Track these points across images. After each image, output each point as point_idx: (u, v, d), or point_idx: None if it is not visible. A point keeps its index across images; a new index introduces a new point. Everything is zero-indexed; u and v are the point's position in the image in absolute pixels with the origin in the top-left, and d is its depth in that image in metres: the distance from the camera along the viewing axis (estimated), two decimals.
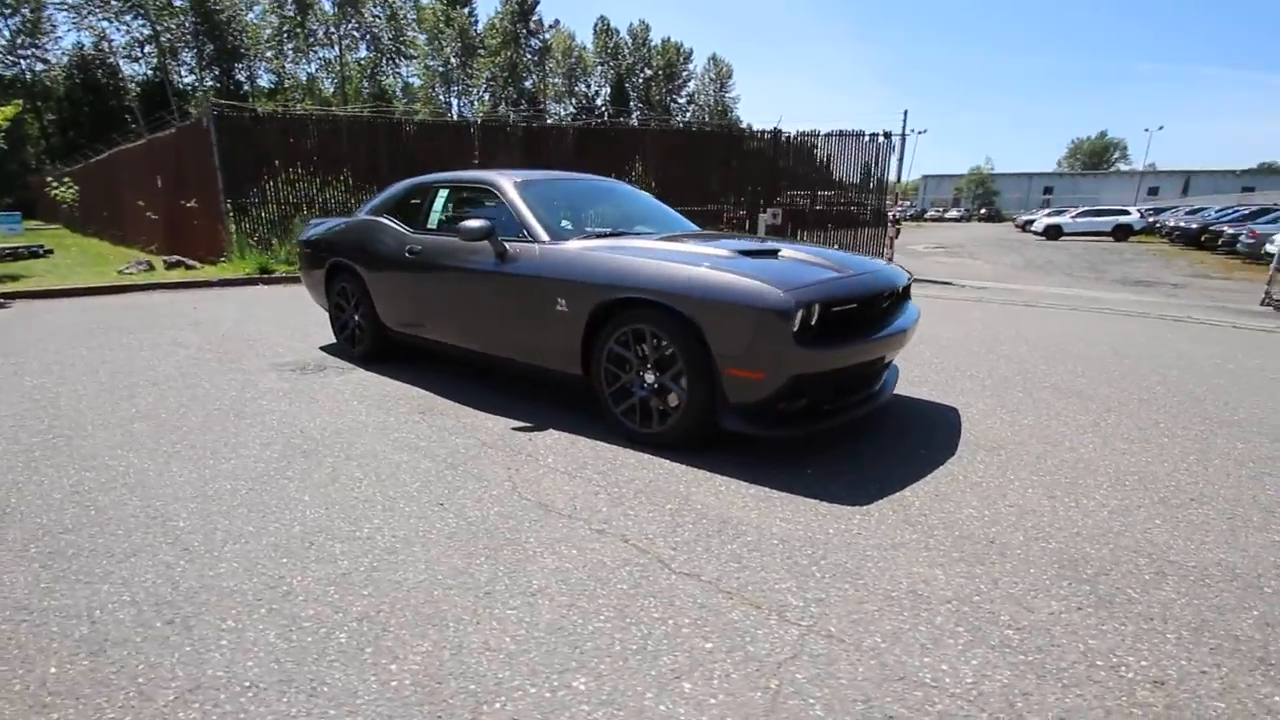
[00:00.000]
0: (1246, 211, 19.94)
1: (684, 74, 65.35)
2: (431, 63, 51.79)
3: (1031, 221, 31.80)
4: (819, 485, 2.49)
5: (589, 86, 62.29)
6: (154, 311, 6.52)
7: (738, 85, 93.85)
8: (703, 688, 1.44)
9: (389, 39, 48.47)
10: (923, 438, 3.05)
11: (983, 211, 59.86)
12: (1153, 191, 55.00)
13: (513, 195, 3.49)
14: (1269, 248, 14.21)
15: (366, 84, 47.46)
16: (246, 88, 39.94)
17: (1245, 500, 2.42)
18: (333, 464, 2.69)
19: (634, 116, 57.68)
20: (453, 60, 51.86)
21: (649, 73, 63.90)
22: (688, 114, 64.51)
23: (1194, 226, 21.14)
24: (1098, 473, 2.66)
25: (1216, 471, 2.69)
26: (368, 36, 47.35)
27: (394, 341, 4.31)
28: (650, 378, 2.84)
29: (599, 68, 62.02)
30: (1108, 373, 4.34)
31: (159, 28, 39.23)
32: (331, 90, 45.38)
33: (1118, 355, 4.92)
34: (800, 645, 1.58)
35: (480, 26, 53.40)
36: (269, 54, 43.91)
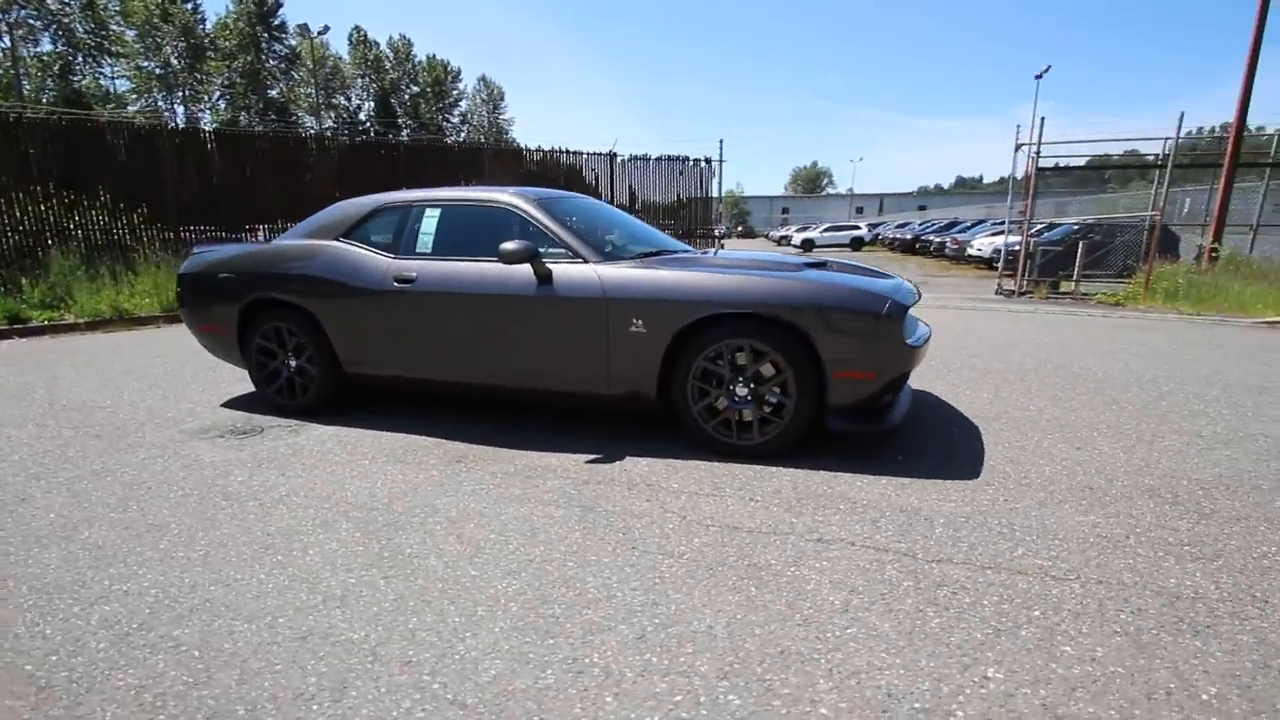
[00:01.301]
0: (943, 224, 25.79)
1: (454, 93, 63.69)
2: (145, 63, 43.16)
3: (788, 236, 37.15)
4: (926, 467, 2.79)
5: (349, 100, 57.48)
6: None
7: (510, 107, 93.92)
8: (1080, 647, 1.59)
9: (86, 32, 39.17)
10: (940, 419, 3.54)
11: (739, 229, 68.18)
12: (859, 210, 67.72)
13: (540, 215, 3.25)
14: (970, 251, 18.60)
15: (53, 84, 37.77)
16: None
17: (1179, 431, 3.29)
18: (446, 532, 2.26)
19: (404, 133, 54.66)
20: (175, 61, 43.87)
21: (416, 89, 61.08)
22: (462, 133, 63.00)
23: (908, 237, 26.70)
24: (1079, 427, 3.37)
25: (1138, 413, 3.59)
26: (53, 28, 37.67)
27: (352, 387, 3.69)
28: (743, 390, 2.89)
29: (360, 80, 57.55)
30: (980, 351, 5.42)
31: None
32: None
33: (973, 338, 6.14)
34: (1096, 595, 1.81)
35: (209, 25, 46.07)
36: None
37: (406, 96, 60.47)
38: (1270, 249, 10.57)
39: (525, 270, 3.11)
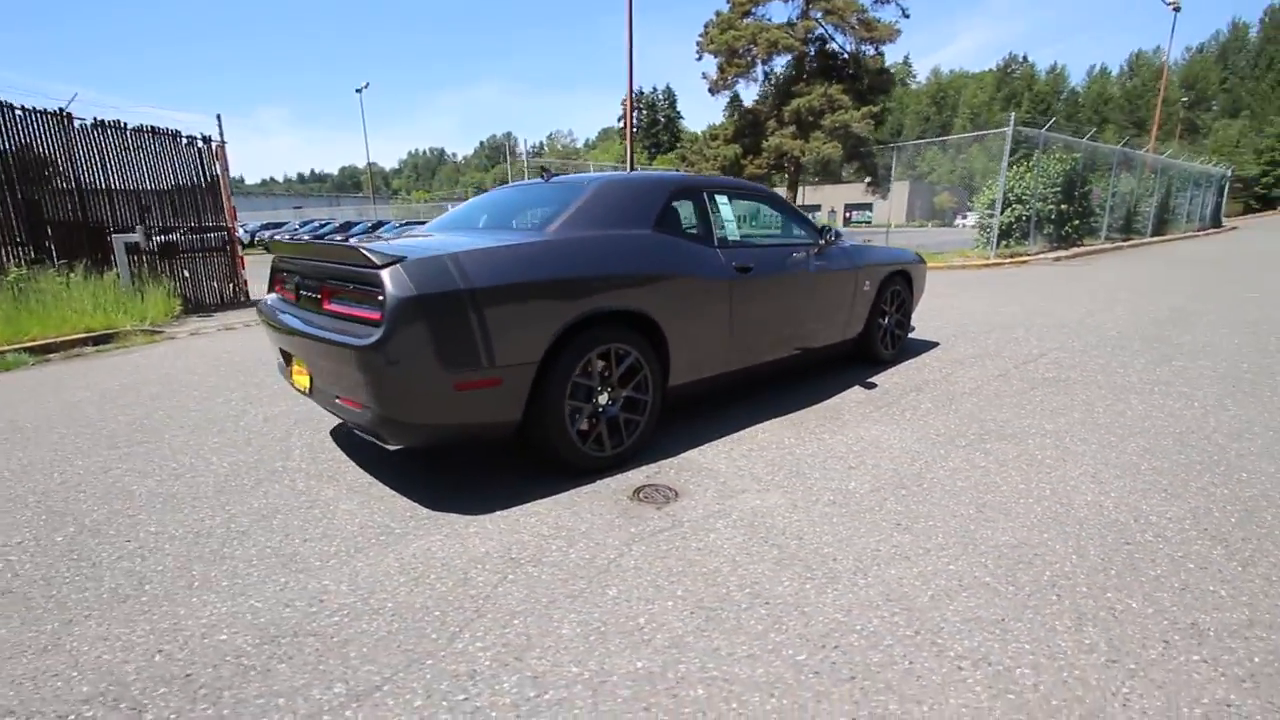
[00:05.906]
0: (339, 224, 26.14)
1: None
2: None
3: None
4: (922, 349, 5.33)
5: None
6: None
7: None
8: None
9: None
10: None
11: None
12: None
13: (786, 203, 3.90)
14: None
15: None
16: None
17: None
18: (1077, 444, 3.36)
19: None
20: None
21: None
22: None
23: (307, 237, 25.87)
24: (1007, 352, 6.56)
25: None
26: None
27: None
28: (887, 320, 4.67)
29: None
30: None
31: None
32: None
33: None
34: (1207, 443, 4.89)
35: None
36: None
37: None
38: None
39: (809, 251, 3.78)
